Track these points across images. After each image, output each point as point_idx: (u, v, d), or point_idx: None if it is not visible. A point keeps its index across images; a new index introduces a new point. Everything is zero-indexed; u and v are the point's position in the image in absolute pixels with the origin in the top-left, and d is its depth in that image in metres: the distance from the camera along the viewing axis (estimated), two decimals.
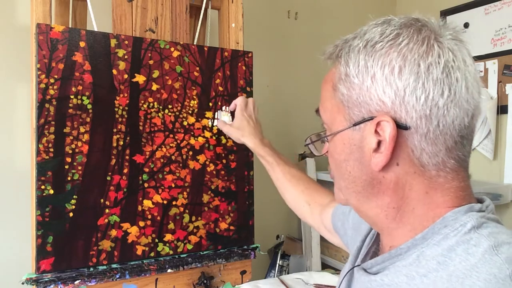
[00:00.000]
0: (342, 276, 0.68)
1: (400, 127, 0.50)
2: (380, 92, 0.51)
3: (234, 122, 1.26)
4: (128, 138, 1.23)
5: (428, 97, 0.49)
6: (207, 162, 1.34)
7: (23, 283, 1.09)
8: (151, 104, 1.27)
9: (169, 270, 1.26)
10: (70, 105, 1.16)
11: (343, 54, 0.56)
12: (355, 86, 0.53)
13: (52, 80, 1.13)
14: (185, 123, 1.31)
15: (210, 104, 1.36)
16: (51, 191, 1.12)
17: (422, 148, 0.51)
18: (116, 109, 1.22)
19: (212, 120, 1.36)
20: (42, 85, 1.12)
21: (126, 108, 1.23)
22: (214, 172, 1.35)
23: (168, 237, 1.28)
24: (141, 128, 1.25)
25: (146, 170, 1.25)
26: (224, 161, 1.37)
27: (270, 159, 1.15)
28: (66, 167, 1.14)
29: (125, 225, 1.22)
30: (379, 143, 0.52)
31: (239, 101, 1.28)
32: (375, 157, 0.53)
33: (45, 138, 1.12)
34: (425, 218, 0.53)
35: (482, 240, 0.47)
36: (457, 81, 0.50)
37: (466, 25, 2.05)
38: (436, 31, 0.53)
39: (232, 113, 1.33)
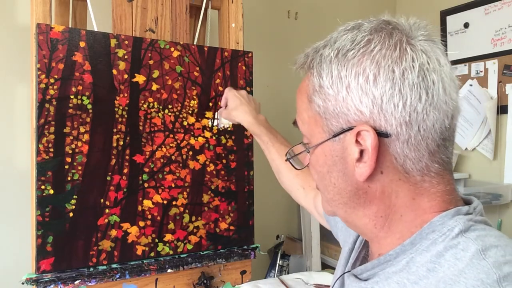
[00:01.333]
0: (334, 281, 0.68)
1: (381, 135, 0.49)
2: (356, 102, 0.50)
3: (228, 104, 1.24)
4: (128, 138, 1.23)
5: (406, 103, 0.48)
6: (207, 162, 1.34)
7: (23, 283, 1.09)
8: (151, 104, 1.27)
9: (169, 270, 1.26)
10: (70, 105, 1.16)
11: (315, 65, 0.55)
12: (331, 98, 0.52)
13: (52, 80, 1.13)
14: (185, 123, 1.31)
15: (210, 104, 1.36)
16: (51, 191, 1.12)
17: (405, 154, 0.50)
18: (116, 109, 1.22)
19: (212, 120, 1.36)
20: (42, 85, 1.12)
21: (126, 108, 1.23)
22: (214, 172, 1.35)
23: (168, 237, 1.28)
24: (141, 128, 1.25)
25: (146, 170, 1.25)
26: (224, 161, 1.37)
27: (265, 138, 1.11)
28: (66, 167, 1.14)
29: (125, 225, 1.22)
30: (361, 153, 0.51)
31: (227, 89, 1.28)
32: (359, 167, 0.51)
33: (45, 138, 1.12)
34: (413, 224, 0.52)
35: (469, 244, 0.46)
36: (434, 84, 0.49)
37: (466, 25, 2.05)
38: (408, 33, 0.51)
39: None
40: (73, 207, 1.15)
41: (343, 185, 0.55)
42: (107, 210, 1.19)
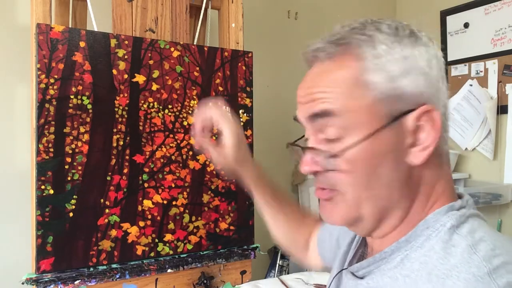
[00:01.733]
0: (331, 279, 0.68)
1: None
2: (419, 82, 0.50)
3: (227, 139, 0.79)
4: (128, 138, 1.23)
5: (446, 86, 0.52)
6: (207, 162, 1.34)
7: (23, 283, 1.09)
8: (151, 104, 1.27)
9: (169, 270, 1.26)
10: (70, 105, 1.16)
11: (364, 46, 0.51)
12: (393, 79, 0.49)
13: (52, 80, 1.13)
14: (185, 123, 1.31)
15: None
16: (51, 191, 1.12)
17: (443, 135, 0.51)
18: (116, 109, 1.22)
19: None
20: (42, 85, 1.12)
21: (126, 108, 1.23)
22: (214, 172, 1.35)
23: (168, 237, 1.28)
24: (141, 128, 1.25)
25: (146, 170, 1.25)
26: None
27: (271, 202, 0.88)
28: (66, 167, 1.14)
29: (125, 225, 1.22)
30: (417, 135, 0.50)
31: (218, 110, 0.81)
32: (416, 151, 0.50)
33: (45, 138, 1.12)
34: (420, 217, 0.52)
35: (460, 239, 0.47)
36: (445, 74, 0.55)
37: (466, 25, 2.05)
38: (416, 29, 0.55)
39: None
40: (73, 207, 1.15)
41: (396, 175, 0.51)
42: (107, 210, 1.19)
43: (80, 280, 1.14)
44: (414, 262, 0.49)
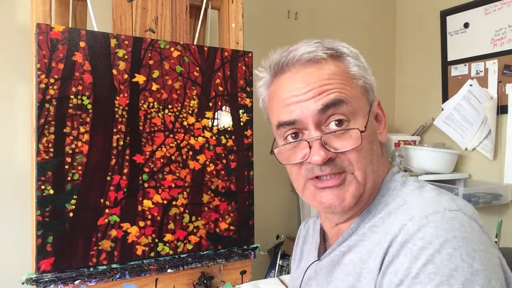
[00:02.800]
0: (303, 273, 0.73)
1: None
2: (373, 79, 0.67)
3: None
4: (128, 138, 1.23)
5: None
6: (207, 162, 1.34)
7: (23, 283, 1.09)
8: (151, 104, 1.27)
9: (169, 270, 1.26)
10: (70, 105, 1.16)
11: (347, 53, 0.66)
12: (369, 74, 0.66)
13: (52, 80, 1.13)
14: (185, 123, 1.31)
15: (210, 104, 1.36)
16: (51, 191, 1.12)
17: None
18: (116, 109, 1.22)
19: (212, 120, 1.36)
20: (42, 85, 1.12)
21: (126, 108, 1.23)
22: (214, 172, 1.35)
23: (168, 237, 1.27)
24: (141, 128, 1.25)
25: (146, 170, 1.25)
26: (224, 161, 1.37)
27: None
28: (66, 167, 1.14)
29: (125, 225, 1.22)
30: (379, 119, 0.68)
31: None
32: (382, 131, 0.68)
33: (45, 138, 1.12)
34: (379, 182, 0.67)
35: (409, 189, 0.63)
36: None
37: (466, 25, 2.05)
38: None
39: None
40: (73, 207, 1.15)
41: (378, 151, 0.65)
42: (107, 210, 1.19)
43: (80, 280, 1.14)
44: (394, 204, 0.62)
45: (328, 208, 0.63)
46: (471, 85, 1.99)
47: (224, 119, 1.38)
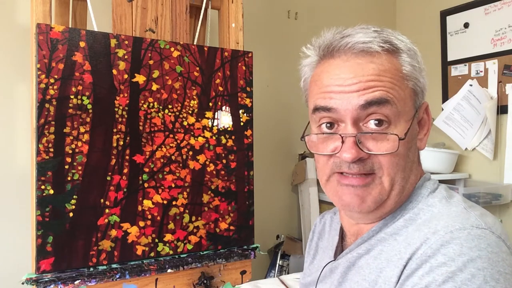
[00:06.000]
0: (319, 272, 0.71)
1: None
2: (425, 82, 0.63)
3: None
4: (128, 138, 1.23)
5: None
6: (207, 162, 1.34)
7: (23, 283, 1.08)
8: (151, 104, 1.27)
9: (169, 270, 1.26)
10: (70, 105, 1.16)
11: (404, 49, 0.62)
12: (422, 76, 0.62)
13: (52, 80, 1.13)
14: (185, 123, 1.31)
15: (210, 104, 1.36)
16: (51, 191, 1.12)
17: None
18: (116, 109, 1.22)
19: (212, 120, 1.36)
20: (42, 85, 1.12)
21: (126, 108, 1.23)
22: (214, 172, 1.35)
23: (168, 237, 1.27)
24: (141, 128, 1.25)
25: (146, 170, 1.25)
26: (224, 161, 1.37)
27: None
28: (66, 167, 1.14)
29: (125, 225, 1.22)
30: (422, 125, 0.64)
31: None
32: (423, 136, 0.64)
33: (45, 138, 1.12)
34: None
35: (435, 199, 0.61)
36: None
37: (466, 25, 2.05)
38: None
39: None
40: (73, 207, 1.15)
41: (414, 159, 0.62)
42: (107, 210, 1.19)
43: (80, 280, 1.14)
44: (399, 225, 0.60)
45: (346, 207, 0.61)
46: (471, 85, 1.99)
47: (224, 119, 1.38)
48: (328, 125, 0.60)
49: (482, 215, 0.55)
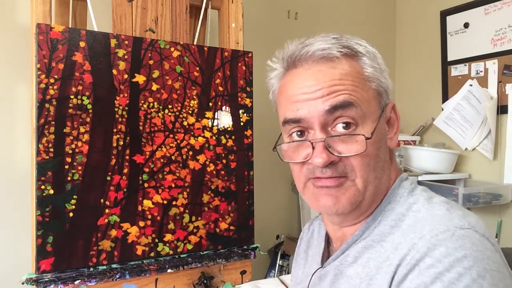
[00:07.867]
0: (309, 279, 0.71)
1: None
2: (389, 82, 0.64)
3: None
4: (128, 138, 1.23)
5: None
6: (207, 162, 1.34)
7: (23, 283, 1.08)
8: (151, 104, 1.27)
9: (169, 270, 1.26)
10: (70, 105, 1.16)
11: (363, 52, 0.63)
12: (385, 77, 0.63)
13: (52, 80, 1.13)
14: (185, 123, 1.31)
15: (210, 104, 1.36)
16: (51, 191, 1.12)
17: None
18: (116, 109, 1.22)
19: (212, 120, 1.36)
20: (42, 85, 1.12)
21: (126, 108, 1.23)
22: (214, 172, 1.35)
23: (168, 237, 1.27)
24: (141, 128, 1.25)
25: (146, 170, 1.25)
26: (224, 161, 1.37)
27: None
28: (66, 167, 1.14)
29: (125, 225, 1.22)
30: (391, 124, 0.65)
31: None
32: (393, 136, 0.65)
33: (45, 138, 1.12)
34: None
35: (419, 198, 0.62)
36: None
37: (466, 25, 2.05)
38: None
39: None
40: (73, 207, 1.15)
41: (384, 156, 0.63)
42: (107, 210, 1.19)
43: (80, 280, 1.14)
44: (384, 229, 0.60)
45: (322, 208, 0.62)
46: (471, 85, 1.99)
47: (224, 119, 1.38)
48: (299, 133, 0.63)
49: (464, 215, 0.56)
